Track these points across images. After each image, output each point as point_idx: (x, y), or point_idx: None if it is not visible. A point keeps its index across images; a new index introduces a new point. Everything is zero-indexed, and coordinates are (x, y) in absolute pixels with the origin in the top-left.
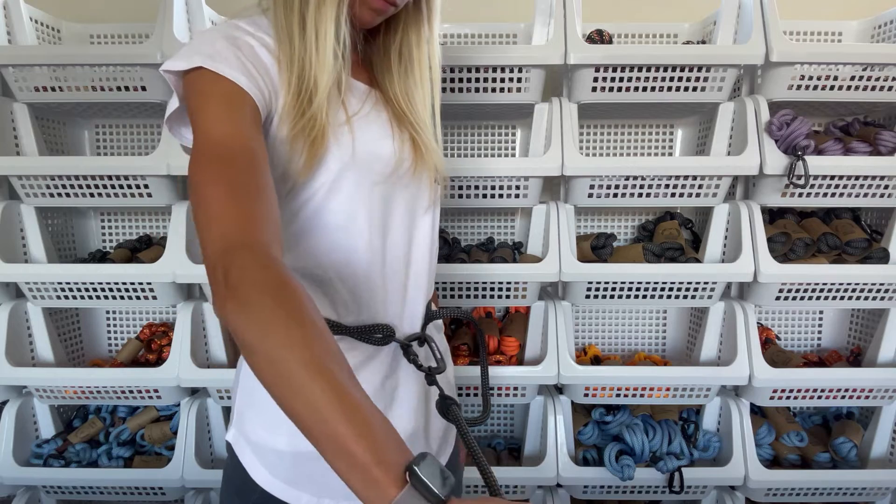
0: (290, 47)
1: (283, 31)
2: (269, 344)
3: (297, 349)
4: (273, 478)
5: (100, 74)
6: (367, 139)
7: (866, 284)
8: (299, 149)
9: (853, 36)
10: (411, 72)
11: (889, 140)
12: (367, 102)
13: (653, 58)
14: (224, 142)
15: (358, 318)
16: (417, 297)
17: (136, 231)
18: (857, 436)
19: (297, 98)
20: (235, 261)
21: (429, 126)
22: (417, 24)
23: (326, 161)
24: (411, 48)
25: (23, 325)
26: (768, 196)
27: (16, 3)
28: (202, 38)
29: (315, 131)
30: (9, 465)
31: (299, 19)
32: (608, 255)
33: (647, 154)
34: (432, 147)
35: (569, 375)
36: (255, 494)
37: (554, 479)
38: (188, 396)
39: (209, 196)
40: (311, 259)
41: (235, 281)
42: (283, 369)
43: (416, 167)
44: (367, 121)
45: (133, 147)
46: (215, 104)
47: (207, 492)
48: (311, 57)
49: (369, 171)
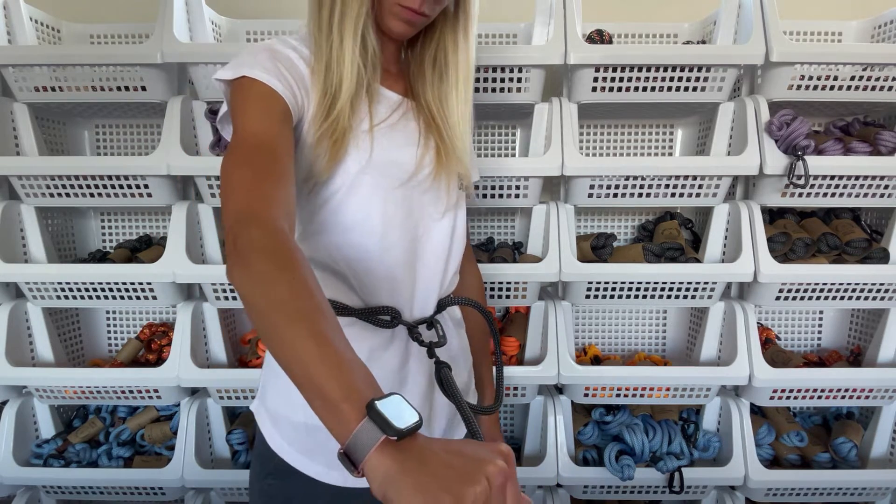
0: (320, 54)
1: (314, 41)
2: (263, 299)
3: (285, 304)
4: (289, 447)
5: (100, 74)
6: (387, 146)
7: (866, 284)
8: (323, 150)
9: (853, 36)
10: (446, 77)
11: (889, 140)
12: (397, 112)
13: (653, 58)
14: (254, 137)
15: (367, 306)
16: (429, 297)
17: (136, 231)
18: (857, 436)
19: (323, 100)
20: (244, 230)
21: (459, 132)
22: (454, 31)
23: (346, 163)
24: (447, 54)
25: (23, 325)
26: (768, 196)
27: (16, 3)
28: (248, 51)
29: (337, 133)
30: (9, 465)
31: (327, 29)
32: (608, 255)
33: (647, 154)
34: (458, 154)
35: (569, 375)
36: (273, 462)
37: (554, 479)
38: (188, 396)
39: (234, 177)
40: (327, 253)
41: (242, 247)
42: (271, 321)
43: (436, 174)
44: (391, 129)
45: (133, 147)
46: (252, 106)
47: (207, 492)
48: (335, 63)
49: (386, 175)
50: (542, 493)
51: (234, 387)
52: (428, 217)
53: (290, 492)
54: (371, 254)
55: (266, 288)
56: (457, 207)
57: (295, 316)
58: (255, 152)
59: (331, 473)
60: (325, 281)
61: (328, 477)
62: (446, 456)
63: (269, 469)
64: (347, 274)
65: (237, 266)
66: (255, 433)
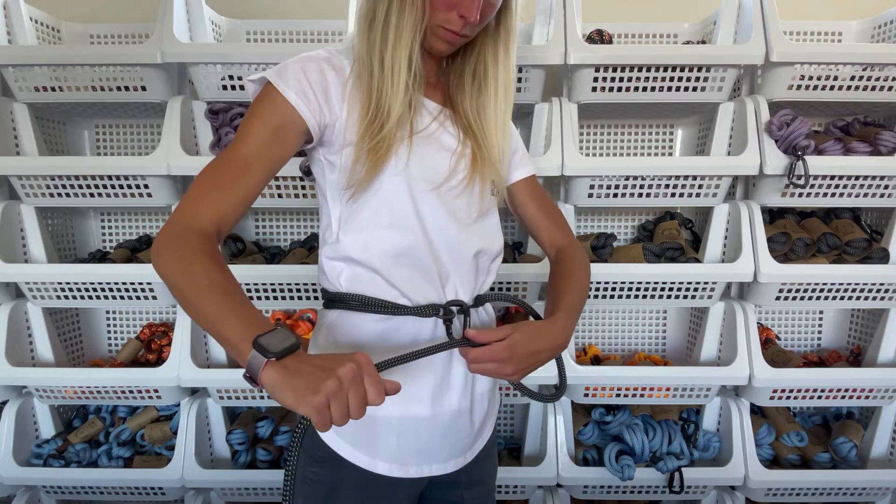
0: (370, 80)
1: (364, 66)
2: (178, 280)
3: (191, 283)
4: (338, 438)
5: (100, 74)
6: (423, 153)
7: (866, 284)
8: (363, 161)
9: (853, 36)
10: (485, 89)
11: (889, 140)
12: (437, 121)
13: (653, 58)
14: (237, 155)
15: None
16: (463, 297)
17: (136, 231)
18: (857, 436)
19: (372, 124)
20: (172, 226)
21: (496, 141)
22: (495, 45)
23: (384, 170)
24: (487, 67)
25: (23, 325)
26: (768, 196)
27: (16, 3)
28: (283, 64)
29: (381, 151)
30: (9, 465)
31: (378, 56)
32: (608, 255)
33: (647, 154)
34: (492, 162)
35: (569, 375)
36: (321, 451)
37: (554, 479)
38: (188, 396)
39: (197, 184)
40: (365, 252)
41: (163, 240)
42: (184, 295)
43: (469, 180)
44: (429, 137)
45: (133, 147)
46: (256, 123)
47: (207, 492)
48: (387, 89)
49: (422, 180)
50: (542, 493)
51: (234, 387)
52: (461, 220)
53: (336, 478)
54: (406, 253)
55: (178, 272)
56: (489, 212)
57: (199, 290)
58: (228, 167)
59: (377, 463)
60: (362, 278)
61: (374, 466)
62: (311, 367)
63: (316, 457)
64: (384, 272)
65: (157, 256)
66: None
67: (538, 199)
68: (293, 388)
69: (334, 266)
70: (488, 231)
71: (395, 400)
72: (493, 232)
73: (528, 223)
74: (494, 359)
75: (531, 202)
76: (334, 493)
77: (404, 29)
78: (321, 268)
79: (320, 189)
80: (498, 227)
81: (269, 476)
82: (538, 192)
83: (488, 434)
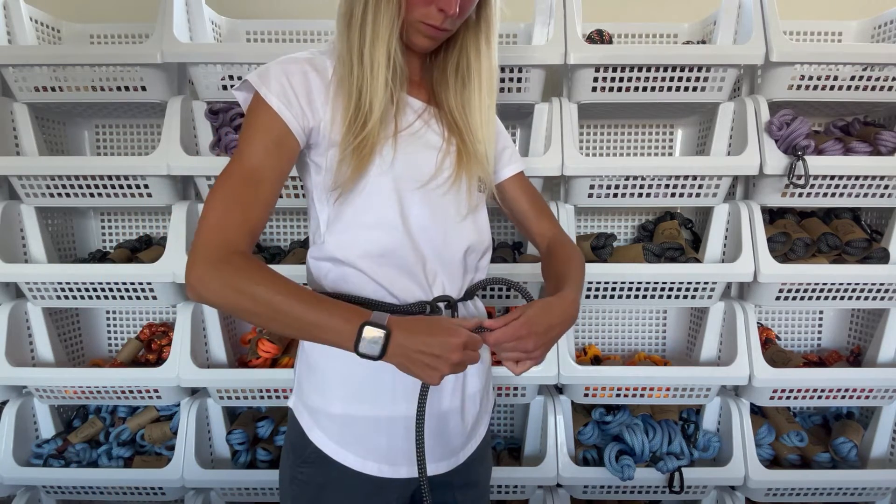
0: (351, 78)
1: (344, 64)
2: (248, 300)
3: (268, 294)
4: (325, 437)
5: (100, 74)
6: (409, 151)
7: (866, 284)
8: (347, 161)
9: (853, 36)
10: (468, 83)
11: (889, 140)
12: (421, 119)
13: (653, 58)
14: (246, 169)
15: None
16: (451, 294)
17: (136, 231)
18: (857, 436)
19: (354, 122)
20: (216, 262)
21: (482, 137)
22: (476, 39)
23: (369, 170)
24: (469, 61)
25: (23, 325)
26: (768, 196)
27: (16, 3)
28: (265, 67)
29: (365, 150)
30: (9, 465)
31: (357, 53)
32: (608, 255)
33: (647, 154)
34: (479, 158)
35: (569, 375)
36: (308, 450)
37: (554, 479)
38: (188, 396)
39: (216, 202)
40: (349, 252)
41: (204, 277)
42: (267, 310)
43: (455, 177)
44: (414, 136)
45: (133, 147)
46: (256, 135)
47: (207, 492)
48: (367, 86)
49: (408, 179)
50: (542, 493)
51: (234, 387)
52: (449, 217)
53: (324, 478)
54: (391, 253)
55: (245, 299)
56: (478, 208)
57: (278, 307)
58: (241, 183)
59: (365, 463)
60: (348, 278)
61: (362, 467)
62: (424, 346)
63: (304, 457)
64: (369, 271)
65: (203, 287)
66: (288, 427)
67: (529, 194)
68: (419, 364)
69: (321, 266)
70: (477, 228)
71: (384, 399)
72: (483, 228)
73: (519, 217)
74: (515, 336)
75: (523, 197)
76: (323, 493)
77: (381, 25)
78: (308, 268)
79: (308, 191)
80: (487, 224)
81: (268, 476)
82: (528, 186)
83: (482, 434)
